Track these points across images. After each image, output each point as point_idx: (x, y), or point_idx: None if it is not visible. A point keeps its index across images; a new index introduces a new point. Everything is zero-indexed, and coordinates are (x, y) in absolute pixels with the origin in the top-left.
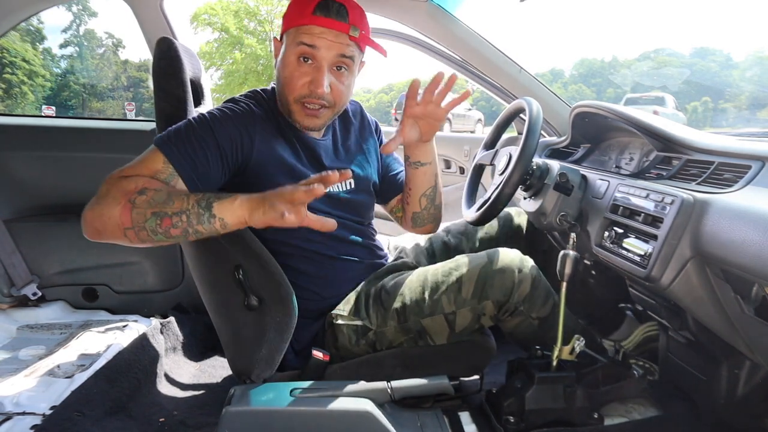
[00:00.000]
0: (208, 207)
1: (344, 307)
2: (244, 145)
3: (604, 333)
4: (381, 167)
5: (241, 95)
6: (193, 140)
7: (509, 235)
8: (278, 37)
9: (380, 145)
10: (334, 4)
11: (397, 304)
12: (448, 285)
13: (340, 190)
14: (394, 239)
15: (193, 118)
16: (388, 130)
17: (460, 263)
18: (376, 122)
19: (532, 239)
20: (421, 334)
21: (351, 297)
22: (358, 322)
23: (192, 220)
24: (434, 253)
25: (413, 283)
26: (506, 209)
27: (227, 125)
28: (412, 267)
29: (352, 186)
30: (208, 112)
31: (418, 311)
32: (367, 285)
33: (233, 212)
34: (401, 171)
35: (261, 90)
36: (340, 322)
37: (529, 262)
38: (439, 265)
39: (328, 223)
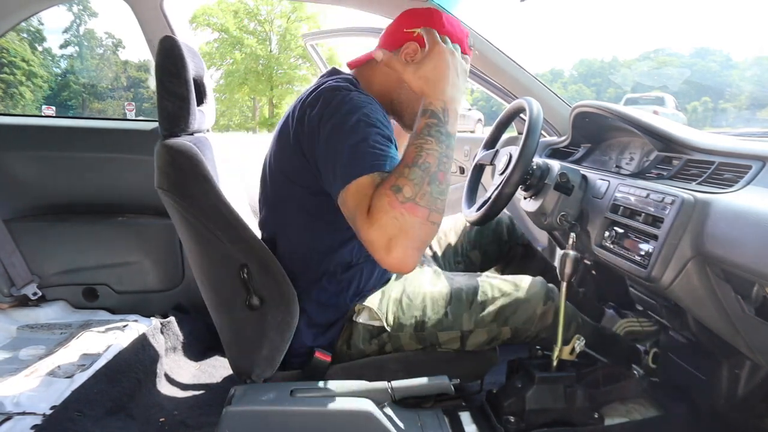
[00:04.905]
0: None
1: (367, 306)
2: None
3: None
4: None
5: (349, 87)
6: (375, 142)
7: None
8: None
9: None
10: None
11: (417, 313)
12: (471, 304)
13: None
14: None
15: (360, 126)
16: None
17: (486, 285)
18: None
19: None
20: (433, 344)
21: (375, 296)
22: (377, 323)
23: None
24: (441, 264)
25: (435, 296)
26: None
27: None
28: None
29: None
30: (363, 113)
31: (437, 324)
32: (389, 287)
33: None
34: None
35: (348, 80)
36: (360, 320)
37: (555, 293)
38: (465, 281)
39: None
